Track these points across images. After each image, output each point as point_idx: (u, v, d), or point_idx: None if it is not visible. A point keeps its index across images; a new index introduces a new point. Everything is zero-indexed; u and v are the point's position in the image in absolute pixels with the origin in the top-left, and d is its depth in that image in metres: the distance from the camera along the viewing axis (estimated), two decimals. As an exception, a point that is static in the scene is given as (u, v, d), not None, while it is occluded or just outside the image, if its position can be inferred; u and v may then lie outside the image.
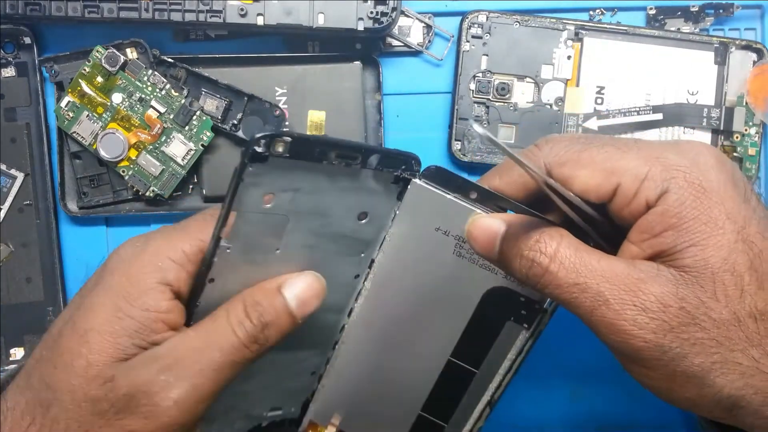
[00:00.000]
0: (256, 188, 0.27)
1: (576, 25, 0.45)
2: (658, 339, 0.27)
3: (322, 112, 0.45)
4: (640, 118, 0.45)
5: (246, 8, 0.42)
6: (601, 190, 0.29)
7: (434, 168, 0.32)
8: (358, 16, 0.42)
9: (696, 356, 0.27)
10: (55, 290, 0.45)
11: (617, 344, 0.28)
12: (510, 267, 0.30)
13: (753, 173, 0.46)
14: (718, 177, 0.28)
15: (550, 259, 0.29)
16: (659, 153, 0.29)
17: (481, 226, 0.31)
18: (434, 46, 0.46)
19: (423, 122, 0.47)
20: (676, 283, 0.27)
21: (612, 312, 0.28)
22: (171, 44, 0.45)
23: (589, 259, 0.28)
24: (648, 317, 0.27)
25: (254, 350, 0.30)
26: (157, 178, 0.44)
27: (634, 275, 0.28)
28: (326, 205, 0.30)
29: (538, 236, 0.29)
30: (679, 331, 0.27)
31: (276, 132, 0.26)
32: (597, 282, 0.28)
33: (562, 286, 0.28)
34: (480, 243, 0.31)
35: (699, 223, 0.27)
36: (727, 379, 0.27)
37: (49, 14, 0.41)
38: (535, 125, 0.45)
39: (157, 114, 0.43)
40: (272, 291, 0.31)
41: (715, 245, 0.27)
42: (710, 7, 0.46)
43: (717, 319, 0.27)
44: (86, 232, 0.46)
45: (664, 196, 0.28)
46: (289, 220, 0.29)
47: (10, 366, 0.45)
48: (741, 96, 0.45)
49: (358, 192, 0.31)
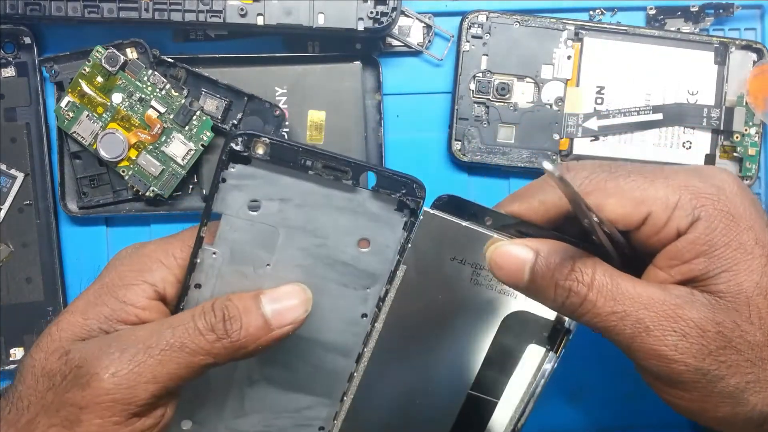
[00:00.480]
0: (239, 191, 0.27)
1: (576, 25, 0.45)
2: (698, 363, 0.28)
3: (322, 112, 0.45)
4: (640, 118, 0.45)
5: (246, 8, 0.42)
6: (631, 219, 0.29)
7: (446, 197, 0.31)
8: (358, 16, 0.42)
9: (732, 377, 0.28)
10: (55, 290, 0.45)
11: (658, 369, 0.29)
12: (543, 296, 0.30)
13: (753, 173, 0.46)
14: (743, 203, 0.29)
15: (587, 288, 0.29)
16: (686, 181, 0.29)
17: (506, 254, 0.30)
18: (434, 46, 0.46)
19: (423, 122, 0.47)
20: (712, 308, 0.28)
21: (653, 338, 0.28)
22: (171, 44, 0.45)
23: (626, 286, 0.29)
24: (688, 342, 0.28)
25: (211, 341, 0.29)
26: (157, 178, 0.44)
27: (671, 301, 0.28)
28: (320, 222, 0.30)
29: (573, 264, 0.29)
30: (717, 354, 0.28)
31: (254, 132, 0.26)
32: (636, 309, 0.28)
33: (601, 314, 0.29)
34: (506, 272, 0.30)
35: (730, 250, 0.28)
36: (760, 396, 0.29)
37: (49, 14, 0.41)
38: (535, 125, 0.45)
39: (157, 114, 0.43)
40: (248, 295, 0.31)
41: (747, 270, 0.28)
42: (710, 7, 0.46)
43: (752, 341, 0.28)
44: (86, 232, 0.46)
45: (695, 224, 0.28)
46: (279, 234, 0.29)
47: (10, 366, 0.45)
48: (741, 96, 0.45)
49: (357, 214, 0.30)
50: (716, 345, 0.28)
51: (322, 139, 0.45)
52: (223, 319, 0.30)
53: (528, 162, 0.45)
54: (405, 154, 0.46)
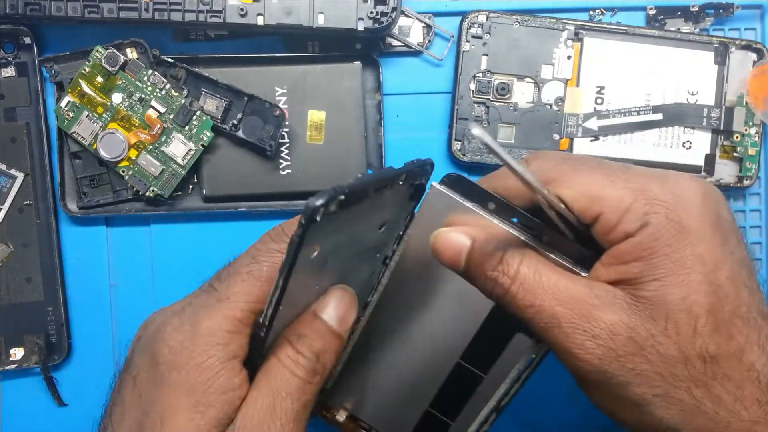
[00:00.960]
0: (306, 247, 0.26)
1: (576, 25, 0.45)
2: (603, 365, 0.28)
3: (322, 112, 0.45)
4: (640, 118, 0.45)
5: (246, 8, 0.42)
6: (585, 215, 0.30)
7: (455, 176, 0.32)
8: (358, 16, 0.42)
9: (638, 386, 0.28)
10: (55, 290, 0.45)
11: (567, 365, 0.29)
12: (476, 284, 0.31)
13: (753, 173, 0.46)
14: (699, 217, 0.29)
15: (511, 280, 0.30)
16: (645, 185, 0.29)
17: (445, 240, 0.31)
18: (434, 46, 0.46)
19: (423, 122, 0.47)
20: (629, 312, 0.28)
21: (562, 334, 0.28)
22: (171, 44, 0.45)
23: (548, 280, 0.29)
24: (596, 344, 0.28)
25: (317, 381, 0.30)
26: (157, 178, 0.44)
27: (588, 300, 0.28)
28: (357, 231, 0.30)
29: (501, 256, 0.30)
30: (624, 360, 0.28)
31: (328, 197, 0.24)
32: (552, 304, 0.29)
33: (520, 306, 0.29)
34: (445, 257, 0.31)
35: (668, 260, 0.28)
36: (667, 412, 0.28)
37: (49, 14, 0.41)
38: (535, 125, 0.45)
39: (157, 114, 0.43)
40: (310, 319, 0.31)
41: (678, 283, 0.28)
42: (710, 7, 0.46)
43: (664, 354, 0.28)
44: (86, 232, 0.46)
45: (642, 228, 0.28)
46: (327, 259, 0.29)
47: (10, 366, 0.45)
48: (741, 96, 0.45)
49: (382, 208, 0.31)
50: (625, 350, 0.28)
51: (322, 139, 0.45)
52: (316, 357, 0.30)
53: (528, 162, 0.45)
54: (405, 154, 0.46)
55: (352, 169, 0.45)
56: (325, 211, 0.24)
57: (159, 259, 0.46)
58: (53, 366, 0.46)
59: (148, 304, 0.46)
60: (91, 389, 0.46)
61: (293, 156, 0.45)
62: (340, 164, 0.45)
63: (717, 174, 0.46)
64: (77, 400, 0.46)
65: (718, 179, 0.46)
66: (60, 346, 0.45)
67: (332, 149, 0.45)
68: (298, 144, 0.45)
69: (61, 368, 0.46)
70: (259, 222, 0.46)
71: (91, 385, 0.46)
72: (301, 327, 0.30)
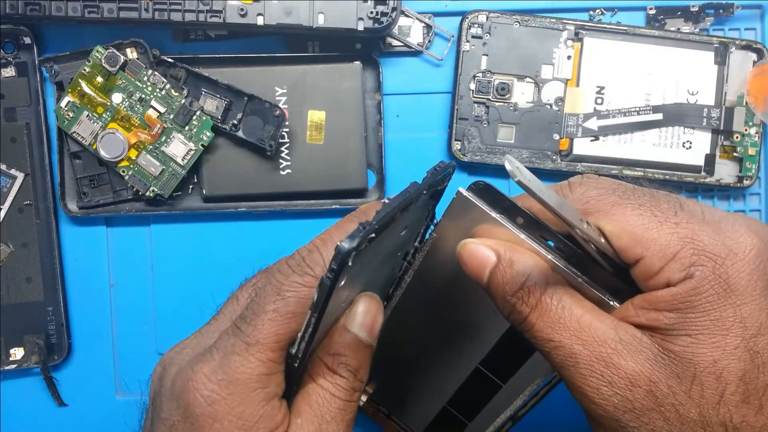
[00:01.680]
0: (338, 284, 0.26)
1: (576, 25, 0.45)
2: (617, 414, 0.27)
3: (322, 111, 0.45)
4: (640, 118, 0.45)
5: (246, 8, 0.42)
6: (626, 254, 0.28)
7: (483, 184, 0.31)
8: (358, 16, 0.42)
9: None
10: (55, 290, 0.45)
11: (578, 402, 0.28)
12: (494, 302, 0.30)
13: (753, 173, 0.46)
14: (749, 276, 0.26)
15: (530, 309, 0.28)
16: (696, 233, 0.27)
17: (471, 251, 0.30)
18: (434, 46, 0.46)
19: (423, 122, 0.47)
20: (653, 364, 0.27)
21: (578, 375, 0.27)
22: (171, 44, 0.45)
23: (571, 315, 0.28)
24: (612, 391, 0.27)
25: (356, 398, 0.30)
26: (157, 178, 0.44)
27: (611, 344, 0.27)
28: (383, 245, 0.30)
29: (524, 281, 0.28)
30: (639, 413, 0.26)
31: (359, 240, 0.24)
32: (571, 342, 0.27)
33: (538, 338, 0.28)
34: (470, 269, 0.30)
35: (706, 318, 0.26)
36: None
37: (49, 14, 0.41)
38: (535, 125, 0.45)
39: (157, 114, 0.43)
40: (340, 334, 0.30)
41: (712, 344, 0.26)
42: (710, 7, 0.46)
43: (683, 416, 0.26)
44: (86, 232, 0.46)
45: (686, 280, 0.26)
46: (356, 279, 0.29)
47: (10, 366, 0.45)
48: (741, 96, 0.45)
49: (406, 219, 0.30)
50: (642, 404, 0.26)
51: (322, 139, 0.45)
52: (353, 375, 0.30)
53: (528, 162, 0.45)
54: (405, 154, 0.46)
55: (352, 169, 0.45)
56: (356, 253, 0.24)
57: (159, 259, 0.46)
58: (53, 366, 0.46)
59: (148, 304, 0.46)
60: (91, 389, 0.46)
61: (293, 156, 0.45)
62: (340, 164, 0.45)
63: (717, 174, 0.46)
64: (77, 400, 0.46)
65: (718, 179, 0.46)
66: (60, 346, 0.45)
67: (332, 149, 0.45)
68: (298, 144, 0.45)
69: (61, 368, 0.46)
70: (259, 222, 0.46)
71: (91, 385, 0.46)
72: (335, 345, 0.30)
